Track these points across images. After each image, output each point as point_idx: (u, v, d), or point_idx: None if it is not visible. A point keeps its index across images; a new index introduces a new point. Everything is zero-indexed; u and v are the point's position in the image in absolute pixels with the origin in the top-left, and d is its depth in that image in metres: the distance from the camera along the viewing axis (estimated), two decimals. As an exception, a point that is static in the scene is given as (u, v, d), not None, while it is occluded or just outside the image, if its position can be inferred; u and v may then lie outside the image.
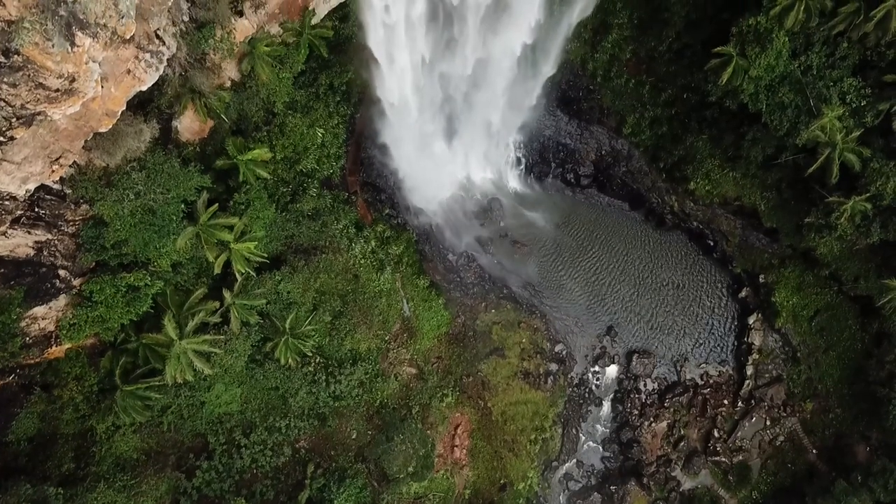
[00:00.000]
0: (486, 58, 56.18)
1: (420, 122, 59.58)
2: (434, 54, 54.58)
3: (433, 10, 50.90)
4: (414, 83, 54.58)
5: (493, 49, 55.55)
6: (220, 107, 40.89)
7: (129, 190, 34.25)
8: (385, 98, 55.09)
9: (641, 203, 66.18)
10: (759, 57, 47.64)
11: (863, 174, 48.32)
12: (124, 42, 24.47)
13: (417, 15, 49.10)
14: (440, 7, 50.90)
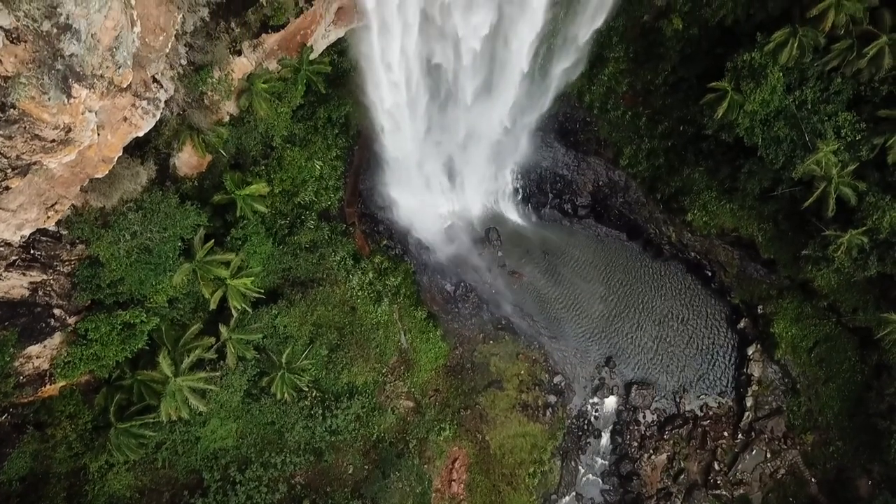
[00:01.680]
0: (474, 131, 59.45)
1: (418, 153, 59.81)
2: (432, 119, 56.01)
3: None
4: (412, 126, 54.86)
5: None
6: (219, 142, 41.06)
7: (125, 230, 34.30)
8: (382, 132, 55.32)
9: (639, 233, 66.22)
10: (753, 92, 47.91)
11: (859, 208, 48.39)
12: (121, 90, 24.61)
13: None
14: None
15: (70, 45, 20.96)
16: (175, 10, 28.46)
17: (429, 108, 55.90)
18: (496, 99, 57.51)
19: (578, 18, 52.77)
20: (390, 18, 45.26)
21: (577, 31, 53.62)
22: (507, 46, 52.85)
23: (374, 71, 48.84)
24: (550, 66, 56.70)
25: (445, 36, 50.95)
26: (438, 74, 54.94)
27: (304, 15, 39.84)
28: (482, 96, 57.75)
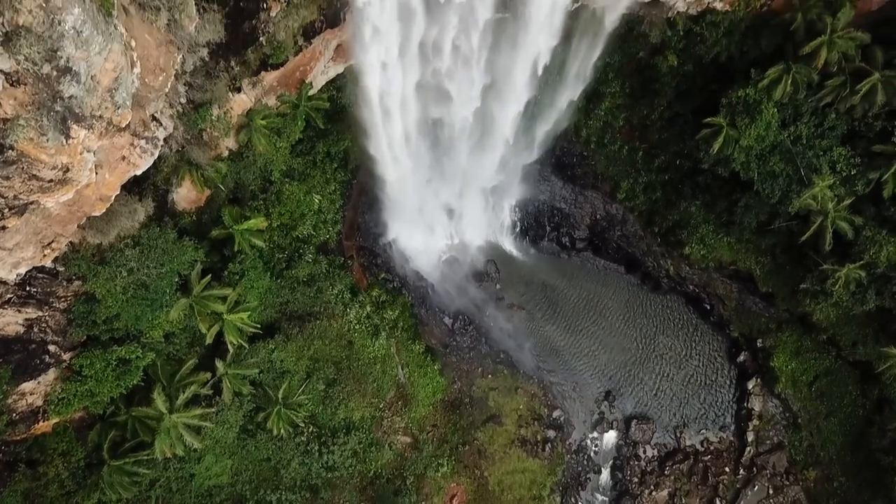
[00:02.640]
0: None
1: (416, 189, 60.14)
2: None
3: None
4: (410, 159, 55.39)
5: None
6: (218, 177, 41.27)
7: (121, 267, 34.31)
8: (380, 169, 55.73)
9: (637, 267, 66.23)
10: (748, 127, 48.31)
11: (856, 242, 48.52)
12: (120, 130, 24.79)
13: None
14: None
15: (69, 87, 21.15)
16: (175, 51, 28.81)
17: (426, 152, 57.19)
18: (486, 156, 60.29)
19: (557, 91, 56.00)
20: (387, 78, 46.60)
21: (556, 99, 56.74)
22: (494, 119, 56.33)
23: (372, 114, 49.57)
24: (533, 130, 59.59)
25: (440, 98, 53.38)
26: (435, 128, 56.53)
27: (303, 53, 40.28)
28: (475, 151, 59.79)
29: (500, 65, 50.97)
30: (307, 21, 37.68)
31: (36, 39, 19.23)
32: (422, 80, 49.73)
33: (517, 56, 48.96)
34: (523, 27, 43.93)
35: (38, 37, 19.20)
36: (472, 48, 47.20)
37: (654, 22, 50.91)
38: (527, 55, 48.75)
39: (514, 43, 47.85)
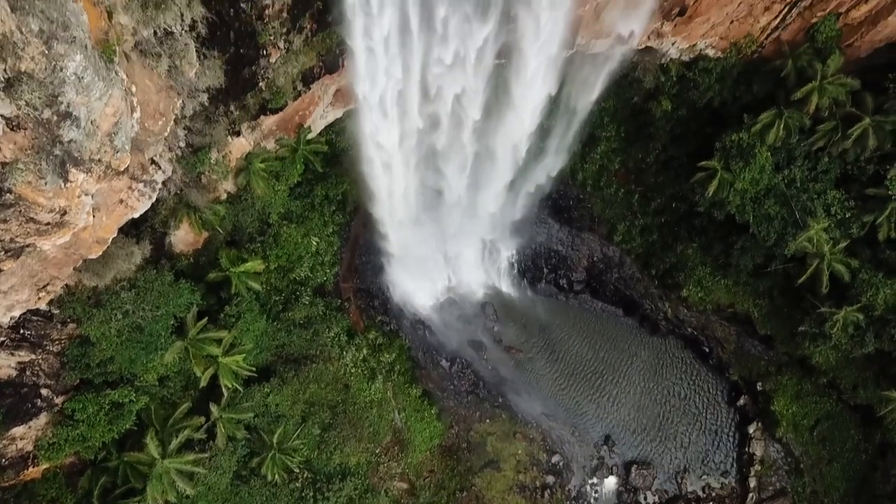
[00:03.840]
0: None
1: (414, 232, 60.34)
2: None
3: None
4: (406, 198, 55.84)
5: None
6: (216, 220, 41.40)
7: (117, 309, 34.18)
8: (378, 213, 56.10)
9: (635, 309, 66.08)
10: (743, 171, 48.83)
11: (853, 285, 48.53)
12: (118, 174, 24.98)
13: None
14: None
15: (69, 131, 21.36)
16: (175, 96, 29.23)
17: (423, 202, 57.99)
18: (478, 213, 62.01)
19: (538, 166, 58.48)
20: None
21: (536, 174, 59.33)
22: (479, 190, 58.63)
23: (370, 166, 50.39)
24: (515, 199, 61.71)
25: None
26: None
27: (301, 98, 40.87)
28: (467, 213, 61.51)
29: (490, 137, 52.93)
30: (306, 67, 38.30)
31: (37, 85, 19.47)
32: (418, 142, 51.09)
33: (508, 119, 50.36)
34: (518, 74, 44.73)
35: (39, 83, 19.45)
36: (469, 99, 47.80)
37: (648, 68, 51.90)
38: (518, 121, 50.30)
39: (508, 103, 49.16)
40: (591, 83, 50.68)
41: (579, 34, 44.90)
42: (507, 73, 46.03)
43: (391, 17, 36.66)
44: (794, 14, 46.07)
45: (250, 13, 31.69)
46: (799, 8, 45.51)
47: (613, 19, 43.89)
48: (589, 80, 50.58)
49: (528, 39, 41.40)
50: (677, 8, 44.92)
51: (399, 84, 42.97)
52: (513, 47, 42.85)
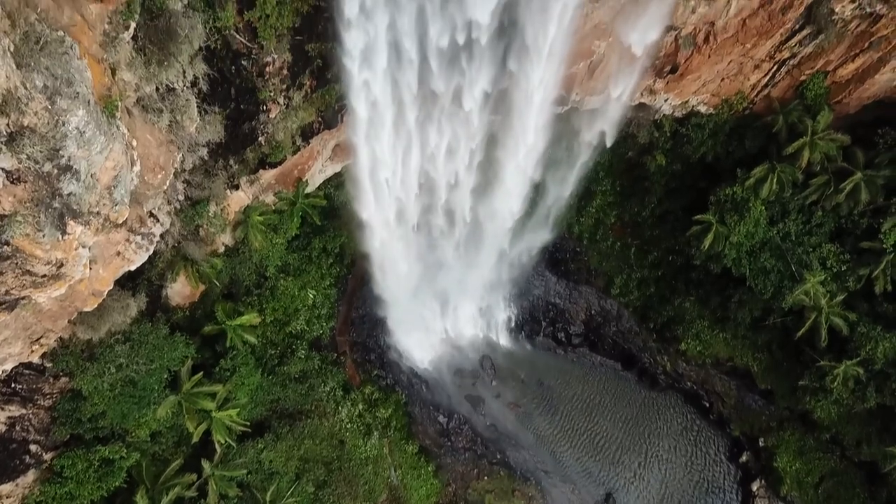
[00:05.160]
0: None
1: (412, 286, 60.34)
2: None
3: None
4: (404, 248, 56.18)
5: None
6: (213, 273, 41.37)
7: (110, 363, 33.85)
8: (374, 258, 56.18)
9: (634, 363, 65.54)
10: (738, 224, 49.22)
11: (851, 338, 48.33)
12: (116, 226, 25.08)
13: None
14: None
15: (69, 184, 21.53)
16: (175, 150, 29.62)
17: (421, 260, 58.94)
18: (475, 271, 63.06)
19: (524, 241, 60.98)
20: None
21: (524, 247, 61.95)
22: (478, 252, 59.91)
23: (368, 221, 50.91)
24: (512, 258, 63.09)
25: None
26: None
27: (301, 152, 41.39)
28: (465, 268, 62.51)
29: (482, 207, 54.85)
30: (305, 122, 38.93)
31: (39, 139, 19.72)
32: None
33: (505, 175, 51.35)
34: (513, 129, 45.58)
35: (41, 137, 19.72)
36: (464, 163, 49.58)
37: (642, 124, 52.82)
38: (514, 182, 51.37)
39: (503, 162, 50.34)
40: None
41: (573, 91, 45.91)
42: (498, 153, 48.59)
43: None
44: (782, 72, 47.21)
45: (251, 70, 32.43)
46: (787, 66, 46.65)
47: (606, 77, 44.97)
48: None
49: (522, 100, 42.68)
50: (669, 66, 46.03)
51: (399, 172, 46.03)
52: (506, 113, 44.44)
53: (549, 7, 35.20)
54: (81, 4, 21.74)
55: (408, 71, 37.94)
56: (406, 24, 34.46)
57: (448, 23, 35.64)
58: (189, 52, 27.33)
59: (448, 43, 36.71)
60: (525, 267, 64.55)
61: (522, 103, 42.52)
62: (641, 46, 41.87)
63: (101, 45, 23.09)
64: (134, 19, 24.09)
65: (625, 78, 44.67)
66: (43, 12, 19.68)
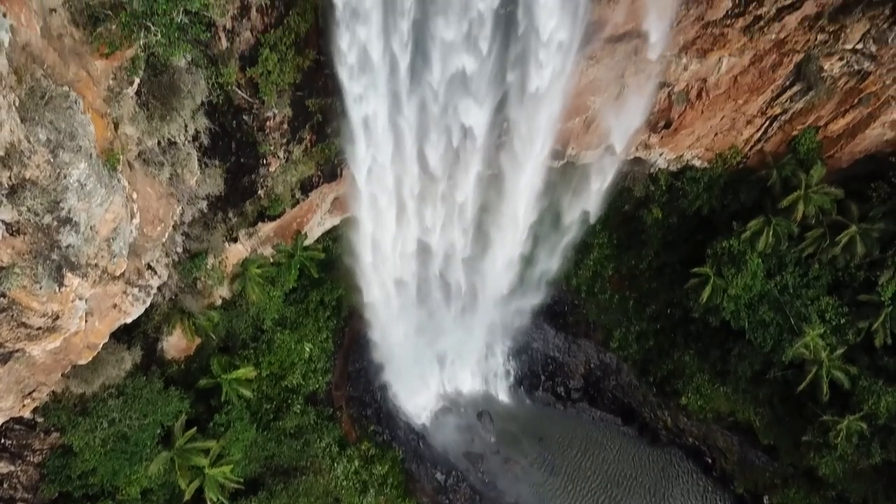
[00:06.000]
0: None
1: (408, 339, 60.01)
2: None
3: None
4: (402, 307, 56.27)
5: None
6: (209, 326, 41.13)
7: (103, 418, 33.32)
8: (372, 321, 56.15)
9: (634, 418, 64.61)
10: (735, 277, 49.22)
11: (853, 392, 47.82)
12: (114, 278, 25.07)
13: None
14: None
15: (68, 236, 21.62)
16: (175, 203, 29.84)
17: (418, 317, 59.29)
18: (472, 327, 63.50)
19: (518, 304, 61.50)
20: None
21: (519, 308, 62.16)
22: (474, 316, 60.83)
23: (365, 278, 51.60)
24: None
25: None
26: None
27: (300, 205, 41.70)
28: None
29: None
30: (305, 176, 39.35)
31: (40, 192, 19.89)
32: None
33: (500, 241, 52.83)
34: (508, 183, 46.27)
35: (42, 189, 19.88)
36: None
37: (638, 178, 53.43)
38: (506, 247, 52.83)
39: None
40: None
41: (570, 145, 46.60)
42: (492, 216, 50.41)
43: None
44: (774, 127, 48.04)
45: (252, 125, 32.94)
46: (779, 122, 47.49)
47: (602, 132, 45.75)
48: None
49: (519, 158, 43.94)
50: (663, 121, 46.84)
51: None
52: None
53: (539, 111, 38.57)
54: (87, 61, 22.21)
55: (409, 161, 41.00)
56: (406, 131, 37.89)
57: (443, 132, 39.18)
58: (191, 107, 27.82)
59: (444, 146, 40.12)
60: (522, 324, 64.40)
61: (512, 188, 45.80)
62: (623, 142, 45.53)
63: (105, 99, 23.50)
64: (138, 75, 24.60)
65: (620, 133, 45.64)
66: (49, 68, 20.08)
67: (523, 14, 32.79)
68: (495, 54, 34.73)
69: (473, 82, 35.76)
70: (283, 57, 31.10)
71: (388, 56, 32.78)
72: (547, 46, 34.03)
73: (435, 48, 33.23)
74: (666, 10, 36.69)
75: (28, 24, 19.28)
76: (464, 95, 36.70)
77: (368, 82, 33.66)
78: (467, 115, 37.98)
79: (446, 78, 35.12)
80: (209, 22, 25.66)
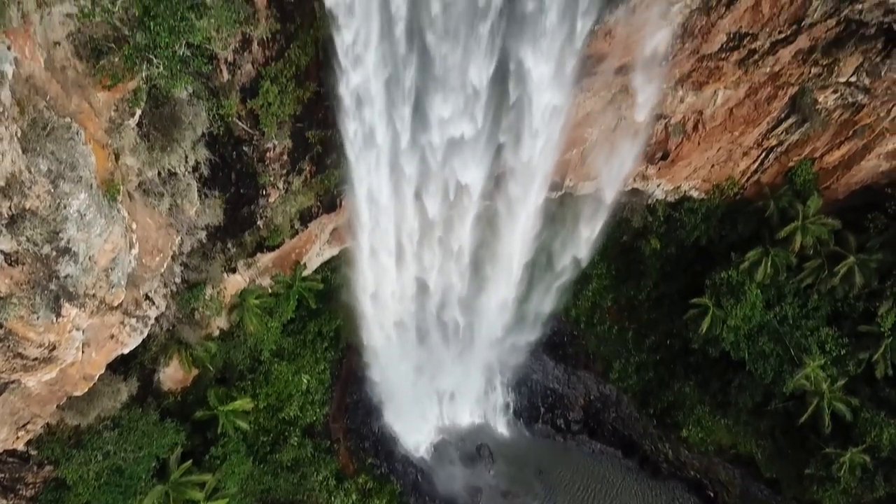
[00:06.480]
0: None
1: (407, 372, 59.74)
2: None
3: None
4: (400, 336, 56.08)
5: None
6: (206, 357, 40.93)
7: (98, 451, 32.92)
8: (370, 352, 55.91)
9: (635, 450, 63.89)
10: (734, 308, 49.14)
11: (855, 424, 47.45)
12: (111, 309, 24.99)
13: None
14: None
15: (67, 266, 21.61)
16: (174, 234, 29.88)
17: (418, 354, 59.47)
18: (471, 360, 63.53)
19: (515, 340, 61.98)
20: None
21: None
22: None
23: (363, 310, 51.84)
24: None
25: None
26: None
27: (299, 236, 41.80)
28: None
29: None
30: (304, 206, 39.51)
31: (40, 222, 19.94)
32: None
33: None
34: (508, 216, 46.58)
35: (42, 219, 19.94)
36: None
37: (636, 208, 53.65)
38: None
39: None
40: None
41: (567, 177, 46.90)
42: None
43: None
44: (771, 159, 48.41)
45: (252, 156, 33.16)
46: (775, 153, 47.88)
47: (599, 164, 46.09)
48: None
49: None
50: (660, 152, 47.20)
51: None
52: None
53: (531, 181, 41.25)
54: (89, 93, 22.43)
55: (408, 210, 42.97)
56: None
57: (441, 185, 41.04)
58: (192, 138, 28.03)
59: (441, 198, 42.19)
60: (519, 361, 64.19)
61: (508, 232, 47.50)
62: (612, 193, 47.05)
63: (107, 130, 23.69)
64: (140, 107, 24.83)
65: (616, 165, 46.04)
66: (52, 99, 20.29)
67: (514, 86, 34.97)
68: (490, 122, 37.17)
69: (469, 146, 38.01)
70: (284, 89, 31.44)
71: (391, 133, 35.61)
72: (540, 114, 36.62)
73: (434, 121, 35.72)
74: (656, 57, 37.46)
75: (32, 56, 19.52)
76: (460, 156, 38.99)
77: (373, 159, 36.94)
78: (464, 174, 40.23)
79: (444, 142, 37.44)
80: (211, 55, 25.98)
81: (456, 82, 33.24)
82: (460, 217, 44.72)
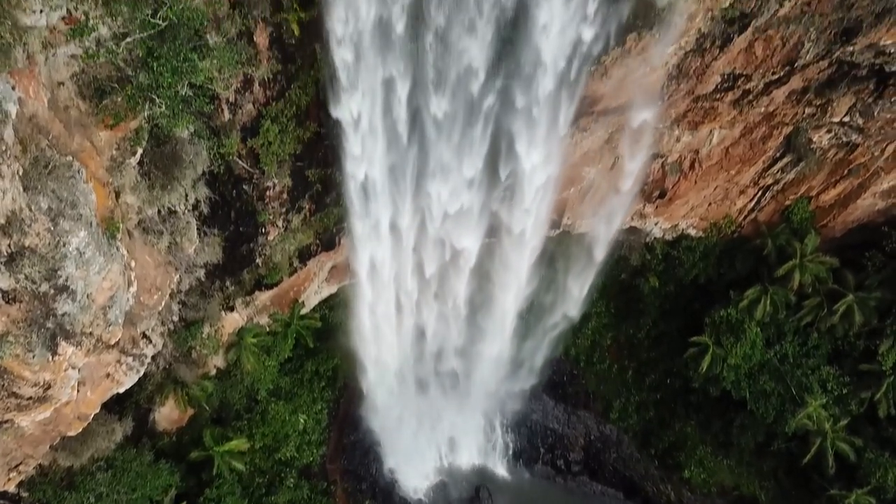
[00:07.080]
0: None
1: (404, 413, 59.24)
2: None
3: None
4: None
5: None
6: (203, 396, 40.58)
7: (90, 493, 32.31)
8: (368, 392, 55.49)
9: (636, 491, 62.75)
10: (734, 346, 48.91)
11: (859, 465, 46.83)
12: (108, 347, 24.82)
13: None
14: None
15: (64, 304, 21.51)
16: (173, 272, 29.84)
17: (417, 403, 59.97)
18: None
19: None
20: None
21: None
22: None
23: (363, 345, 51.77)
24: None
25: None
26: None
27: (297, 273, 41.75)
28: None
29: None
30: (303, 244, 39.57)
31: (39, 260, 19.93)
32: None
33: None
34: (510, 251, 46.71)
35: (41, 257, 19.93)
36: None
37: (634, 247, 53.80)
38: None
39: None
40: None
41: (565, 215, 47.11)
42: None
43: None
44: (767, 197, 48.76)
45: (252, 194, 33.35)
46: (772, 191, 48.25)
47: (597, 202, 46.37)
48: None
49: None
50: (658, 191, 47.54)
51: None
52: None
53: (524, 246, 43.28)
54: (92, 131, 22.66)
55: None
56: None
57: (438, 251, 43.21)
58: (192, 176, 28.21)
59: (438, 265, 44.54)
60: (516, 408, 64.04)
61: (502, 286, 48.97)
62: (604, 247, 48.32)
63: (108, 169, 23.86)
64: (141, 146, 25.06)
65: (614, 204, 46.37)
66: (54, 138, 20.47)
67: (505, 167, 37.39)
68: (485, 190, 39.19)
69: (465, 217, 40.34)
70: (284, 128, 31.77)
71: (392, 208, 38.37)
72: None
73: (434, 198, 38.35)
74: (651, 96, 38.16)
75: (36, 96, 19.77)
76: (457, 226, 41.23)
77: (379, 244, 40.45)
78: (459, 241, 42.34)
79: (442, 215, 39.95)
80: (213, 95, 26.30)
81: (452, 172, 36.40)
82: (457, 275, 46.47)
